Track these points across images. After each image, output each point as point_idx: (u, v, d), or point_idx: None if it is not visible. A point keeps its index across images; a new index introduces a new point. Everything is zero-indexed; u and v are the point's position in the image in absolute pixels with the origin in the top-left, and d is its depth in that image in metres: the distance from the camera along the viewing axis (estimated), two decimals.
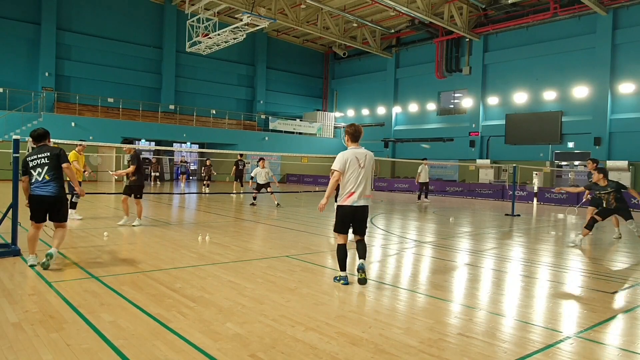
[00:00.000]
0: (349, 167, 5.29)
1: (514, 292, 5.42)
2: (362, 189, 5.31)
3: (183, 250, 7.13)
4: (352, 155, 5.32)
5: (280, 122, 34.80)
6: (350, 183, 5.29)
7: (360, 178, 5.29)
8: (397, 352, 3.44)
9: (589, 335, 3.95)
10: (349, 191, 5.30)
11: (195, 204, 16.06)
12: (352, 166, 5.30)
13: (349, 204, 5.31)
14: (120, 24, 30.04)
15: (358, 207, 5.33)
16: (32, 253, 5.76)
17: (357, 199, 5.30)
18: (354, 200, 5.29)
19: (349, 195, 5.30)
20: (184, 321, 3.95)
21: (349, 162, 5.29)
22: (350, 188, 5.29)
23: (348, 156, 5.31)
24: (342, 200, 5.35)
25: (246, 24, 22.02)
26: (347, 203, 5.31)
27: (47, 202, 5.72)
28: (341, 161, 5.29)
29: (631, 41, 22.81)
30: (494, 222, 12.76)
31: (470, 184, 26.10)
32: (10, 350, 3.26)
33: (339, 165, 5.30)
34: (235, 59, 34.92)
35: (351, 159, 5.31)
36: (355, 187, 5.29)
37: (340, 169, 5.30)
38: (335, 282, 5.46)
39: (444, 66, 30.45)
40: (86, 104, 28.06)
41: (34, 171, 5.71)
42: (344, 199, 5.33)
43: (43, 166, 5.72)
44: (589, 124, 24.13)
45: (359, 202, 5.32)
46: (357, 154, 5.35)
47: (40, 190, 5.67)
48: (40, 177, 5.69)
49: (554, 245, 9.03)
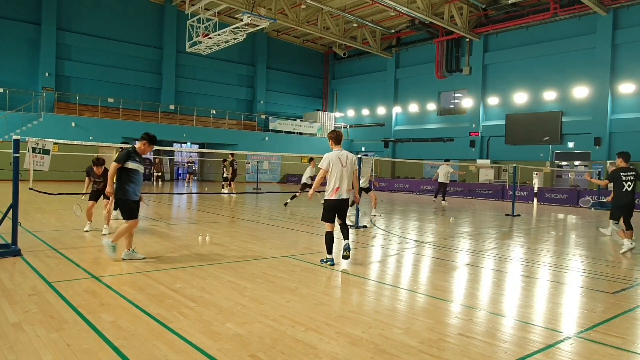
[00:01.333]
0: (332, 166, 6.23)
1: (514, 292, 5.42)
2: (345, 185, 6.25)
3: (183, 250, 7.13)
4: (335, 157, 6.27)
5: (280, 122, 34.80)
6: (335, 180, 6.21)
7: (343, 175, 6.23)
8: (397, 352, 3.43)
9: (589, 336, 3.94)
10: (334, 187, 6.21)
11: (196, 204, 16.06)
12: (336, 166, 6.24)
13: (335, 198, 6.23)
14: (120, 24, 30.05)
15: (342, 199, 6.27)
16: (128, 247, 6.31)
17: (342, 193, 6.23)
18: (339, 195, 6.23)
19: (335, 191, 6.21)
20: (184, 321, 3.95)
21: (332, 162, 6.24)
22: (335, 184, 6.21)
23: (331, 157, 6.27)
24: (329, 194, 6.25)
25: (246, 24, 22.01)
26: (333, 197, 6.23)
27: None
28: (326, 161, 6.26)
29: (631, 41, 22.81)
30: (494, 222, 12.75)
31: (471, 184, 26.10)
32: (10, 350, 3.25)
33: (325, 165, 6.26)
34: (236, 59, 34.93)
35: (334, 160, 6.25)
36: (339, 183, 6.21)
37: (325, 167, 6.26)
38: (322, 264, 6.32)
39: (444, 66, 30.45)
40: (86, 104, 28.06)
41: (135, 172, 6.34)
42: (330, 193, 6.24)
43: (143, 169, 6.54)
44: (589, 124, 24.13)
45: (343, 196, 6.26)
46: (339, 155, 6.30)
47: (135, 195, 6.30)
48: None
49: (554, 245, 9.03)
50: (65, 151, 23.31)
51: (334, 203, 6.25)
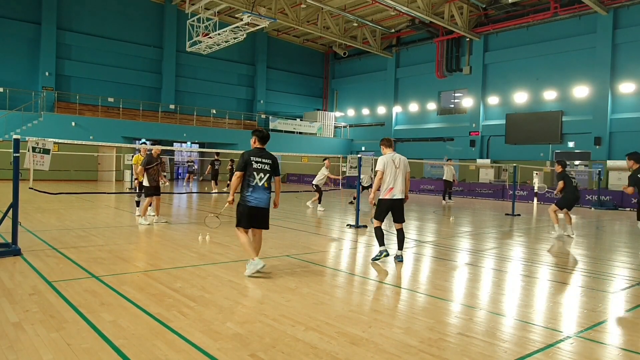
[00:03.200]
0: (387, 167, 6.61)
1: (514, 291, 5.42)
2: (399, 186, 6.58)
3: (183, 250, 7.13)
4: (389, 159, 6.67)
5: (280, 122, 34.79)
6: (389, 180, 6.60)
7: (397, 176, 6.61)
8: (397, 352, 3.43)
9: (589, 335, 3.94)
10: (388, 187, 6.61)
11: (197, 203, 16.06)
12: (390, 167, 6.63)
13: (388, 198, 6.61)
14: (120, 23, 30.03)
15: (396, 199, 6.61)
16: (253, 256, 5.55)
17: (396, 193, 6.60)
18: (393, 195, 6.57)
19: (389, 191, 6.60)
20: (184, 321, 3.95)
21: (387, 164, 6.62)
22: (389, 184, 6.59)
23: (386, 159, 6.64)
24: (384, 194, 6.64)
25: (246, 23, 22.00)
26: (387, 197, 6.61)
27: (262, 212, 5.63)
28: (382, 163, 6.62)
29: (631, 41, 22.79)
30: (494, 222, 12.75)
31: (471, 183, 26.11)
32: (10, 350, 3.26)
33: (380, 167, 6.63)
34: (236, 58, 34.91)
35: (388, 161, 6.65)
36: (393, 183, 6.60)
37: (382, 169, 6.60)
38: (376, 260, 6.63)
39: (444, 66, 30.43)
40: (86, 104, 28.05)
41: (257, 174, 5.55)
42: (385, 193, 6.63)
43: (266, 172, 5.61)
44: (589, 123, 24.11)
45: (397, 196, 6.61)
46: (393, 157, 6.70)
47: (255, 200, 5.54)
48: (261, 183, 5.57)
49: (554, 245, 9.03)
50: (66, 151, 23.33)
51: (388, 203, 6.57)
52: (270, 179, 5.66)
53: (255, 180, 5.52)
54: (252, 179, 5.52)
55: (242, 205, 5.59)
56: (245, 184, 5.56)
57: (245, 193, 5.55)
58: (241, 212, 5.60)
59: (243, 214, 5.58)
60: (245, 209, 5.56)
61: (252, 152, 5.63)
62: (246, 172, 5.53)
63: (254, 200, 5.54)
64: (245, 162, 5.52)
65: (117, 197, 16.84)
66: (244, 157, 5.55)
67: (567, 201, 10.10)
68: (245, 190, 5.56)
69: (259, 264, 5.46)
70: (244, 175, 5.54)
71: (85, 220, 10.03)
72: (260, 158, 5.59)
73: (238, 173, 5.53)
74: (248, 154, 5.60)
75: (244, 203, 5.57)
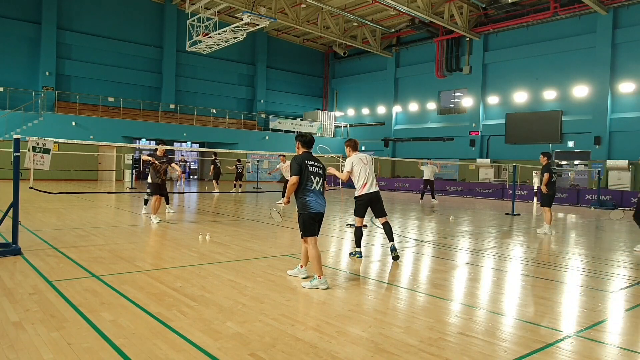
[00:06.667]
0: (355, 165, 6.76)
1: (514, 291, 5.42)
2: (371, 180, 6.78)
3: (183, 250, 7.13)
4: (357, 158, 6.82)
5: (280, 122, 34.78)
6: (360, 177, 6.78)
7: (368, 173, 6.78)
8: (397, 351, 3.44)
9: (589, 335, 3.95)
10: (362, 184, 6.77)
11: (196, 202, 16.06)
12: (358, 165, 6.78)
13: (365, 192, 6.79)
14: (120, 23, 30.03)
15: (372, 192, 6.80)
16: (320, 274, 5.18)
17: (370, 188, 6.79)
18: (368, 189, 6.78)
19: (363, 187, 6.77)
20: (184, 320, 3.95)
21: (354, 162, 6.78)
22: (362, 181, 6.78)
23: (354, 159, 6.82)
24: (359, 191, 6.84)
25: (246, 23, 21.99)
26: (363, 192, 6.78)
27: (322, 217, 5.44)
28: (349, 164, 6.81)
29: (631, 40, 22.79)
30: (494, 221, 12.76)
31: (471, 183, 26.11)
32: (11, 349, 3.26)
33: (348, 167, 6.83)
34: (236, 58, 34.91)
35: (356, 160, 6.80)
36: (364, 179, 6.76)
37: (349, 169, 6.78)
38: (352, 256, 6.88)
39: (444, 65, 30.43)
40: (87, 103, 28.07)
41: (313, 178, 5.30)
42: (359, 190, 6.82)
43: (320, 176, 5.39)
44: (589, 123, 24.12)
45: (372, 189, 6.79)
46: (360, 156, 6.83)
47: (318, 205, 5.30)
48: (317, 187, 5.34)
49: (554, 245, 9.04)
50: (66, 150, 23.34)
51: (365, 198, 6.75)
52: (322, 184, 5.45)
53: (313, 184, 5.28)
54: (310, 184, 5.26)
55: (306, 212, 5.23)
56: (301, 189, 5.25)
57: (306, 199, 5.23)
58: (306, 219, 5.25)
59: (309, 221, 5.25)
60: (310, 215, 5.24)
61: (304, 157, 5.35)
62: (302, 177, 5.25)
63: (318, 205, 5.28)
64: (301, 166, 5.25)
65: (117, 197, 16.85)
66: (298, 161, 5.28)
67: (551, 198, 10.09)
68: (304, 196, 5.24)
69: (325, 284, 5.16)
70: (300, 180, 5.26)
71: (86, 220, 10.03)
72: (313, 162, 5.38)
73: (294, 178, 5.22)
74: (301, 157, 5.32)
75: (306, 210, 5.22)
